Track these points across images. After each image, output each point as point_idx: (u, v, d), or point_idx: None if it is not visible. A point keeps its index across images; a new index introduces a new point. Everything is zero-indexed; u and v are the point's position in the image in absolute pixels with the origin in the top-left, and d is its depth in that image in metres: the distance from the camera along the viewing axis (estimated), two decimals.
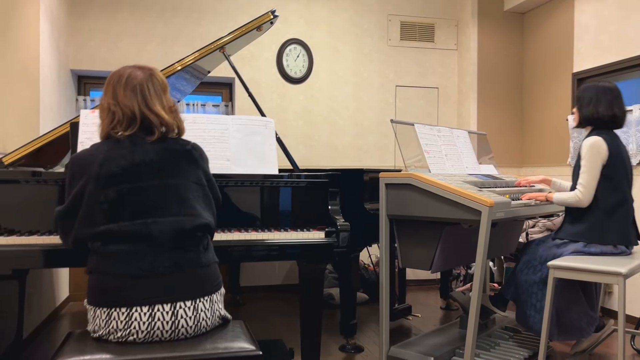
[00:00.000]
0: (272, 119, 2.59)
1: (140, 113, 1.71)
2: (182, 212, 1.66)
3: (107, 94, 1.75)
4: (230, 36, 2.89)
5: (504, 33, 5.13)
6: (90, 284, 1.61)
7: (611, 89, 2.70)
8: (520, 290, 2.80)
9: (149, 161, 1.67)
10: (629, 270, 2.29)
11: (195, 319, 1.61)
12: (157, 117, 1.72)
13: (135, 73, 1.75)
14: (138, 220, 1.60)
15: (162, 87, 1.79)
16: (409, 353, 2.71)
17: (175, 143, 1.76)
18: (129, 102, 1.71)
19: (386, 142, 5.06)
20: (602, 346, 3.24)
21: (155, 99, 1.75)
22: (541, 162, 4.85)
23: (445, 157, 3.04)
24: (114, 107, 1.71)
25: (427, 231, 2.68)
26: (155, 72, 1.80)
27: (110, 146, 1.68)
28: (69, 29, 4.30)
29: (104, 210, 1.60)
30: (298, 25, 4.83)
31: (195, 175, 1.76)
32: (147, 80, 1.75)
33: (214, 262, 1.74)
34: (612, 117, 2.67)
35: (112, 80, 1.76)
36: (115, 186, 1.61)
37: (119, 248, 1.58)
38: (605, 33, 4.06)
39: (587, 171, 2.61)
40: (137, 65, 1.80)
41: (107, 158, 1.64)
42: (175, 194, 1.67)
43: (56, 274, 3.84)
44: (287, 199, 2.44)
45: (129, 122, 1.71)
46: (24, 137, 3.05)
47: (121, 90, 1.72)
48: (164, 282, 1.57)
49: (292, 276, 4.80)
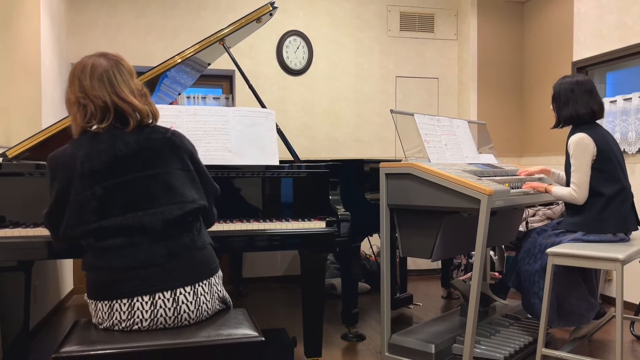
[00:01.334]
0: (272, 111, 2.61)
1: (112, 102, 1.66)
2: (172, 201, 1.64)
3: (72, 87, 1.69)
4: (230, 28, 2.90)
5: (503, 22, 5.12)
6: (88, 280, 1.62)
7: (585, 82, 2.71)
8: (522, 279, 2.83)
9: (131, 153, 1.64)
10: (626, 256, 2.32)
11: (196, 303, 1.63)
12: (128, 105, 1.67)
13: (98, 61, 1.69)
14: (129, 214, 1.59)
15: (128, 72, 1.73)
16: (410, 340, 2.74)
17: (154, 132, 1.71)
18: (98, 92, 1.65)
19: (386, 134, 5.07)
20: (600, 332, 3.27)
21: (124, 86, 1.69)
22: (541, 152, 4.87)
23: (445, 146, 3.06)
24: (83, 100, 1.66)
25: (427, 220, 2.71)
26: (120, 58, 1.74)
27: (88, 142, 1.63)
28: (69, 22, 4.31)
29: (93, 207, 1.58)
30: (297, 16, 4.83)
31: (179, 161, 1.72)
32: (112, 68, 1.69)
33: (209, 243, 1.74)
34: (591, 114, 2.70)
35: (76, 71, 1.69)
36: (101, 183, 1.59)
37: (113, 242, 1.57)
38: (605, 21, 4.06)
39: (577, 169, 2.63)
40: (99, 53, 1.74)
41: (87, 155, 1.60)
42: (162, 183, 1.65)
43: (60, 267, 3.88)
44: (288, 190, 2.46)
45: (103, 113, 1.66)
46: (27, 131, 3.07)
47: (87, 80, 1.66)
48: (162, 271, 1.58)
49: (294, 267, 4.83)
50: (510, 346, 2.76)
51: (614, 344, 3.10)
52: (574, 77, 2.77)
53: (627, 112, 3.77)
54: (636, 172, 3.71)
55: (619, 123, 3.82)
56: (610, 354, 2.92)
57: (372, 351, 2.99)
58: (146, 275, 1.57)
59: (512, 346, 2.77)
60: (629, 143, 3.73)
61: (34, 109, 3.30)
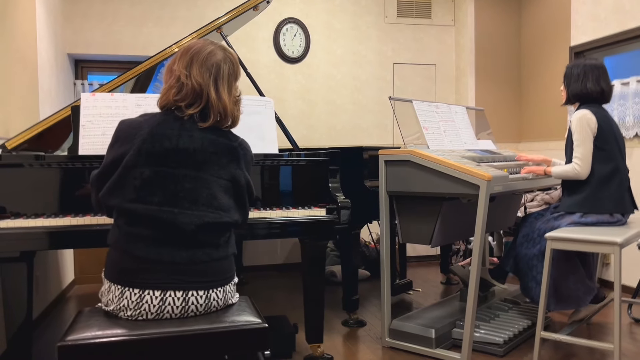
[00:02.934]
0: (271, 99, 2.60)
1: (207, 94, 1.67)
2: (210, 209, 1.64)
3: (182, 61, 1.69)
4: (227, 16, 2.89)
5: (500, 8, 5.10)
6: (108, 259, 1.63)
7: (597, 65, 2.76)
8: (521, 263, 2.86)
9: (192, 150, 1.63)
10: (624, 239, 2.34)
11: (207, 305, 1.64)
12: (220, 103, 1.68)
13: (216, 51, 1.72)
14: (166, 208, 1.59)
15: (235, 74, 1.76)
16: (411, 326, 2.77)
17: (224, 136, 1.71)
18: (202, 79, 1.67)
19: (385, 121, 5.07)
20: (599, 315, 3.31)
21: (226, 85, 1.71)
22: (539, 137, 4.87)
23: (443, 133, 3.07)
24: (185, 79, 1.66)
25: (426, 206, 2.72)
26: (232, 57, 1.76)
27: (159, 122, 1.64)
28: (65, 13, 4.28)
29: (135, 186, 1.59)
30: (294, 3, 4.80)
31: (232, 173, 1.70)
32: (224, 63, 1.72)
33: (232, 254, 1.73)
34: (600, 93, 2.74)
35: (192, 50, 1.70)
36: (153, 166, 1.59)
37: (142, 231, 1.58)
38: (602, 5, 4.04)
39: (580, 144, 2.65)
40: (221, 45, 1.77)
41: (152, 134, 1.61)
42: (207, 188, 1.64)
43: (62, 258, 3.89)
44: (287, 178, 2.47)
45: (195, 99, 1.67)
46: (24, 123, 3.06)
47: (198, 64, 1.68)
48: (180, 271, 1.58)
49: (294, 255, 4.86)
50: (510, 330, 2.79)
51: (612, 326, 3.14)
52: (587, 59, 2.82)
53: (624, 96, 3.77)
54: (633, 157, 3.72)
55: (617, 107, 3.82)
56: (608, 337, 2.95)
57: (373, 337, 3.02)
58: (163, 272, 1.57)
59: (512, 330, 2.80)
60: (627, 127, 3.74)
61: (31, 99, 3.29)
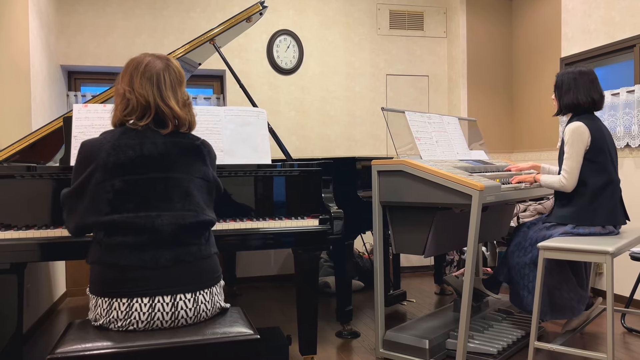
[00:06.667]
0: (264, 110, 2.61)
1: (154, 104, 1.71)
2: (186, 207, 1.67)
3: (124, 79, 1.74)
4: (220, 28, 2.90)
5: (492, 19, 5.16)
6: (92, 274, 1.63)
7: (588, 72, 2.77)
8: (512, 272, 2.86)
9: (157, 155, 1.67)
10: (616, 249, 2.35)
11: (196, 310, 1.64)
12: (170, 111, 1.72)
13: (154, 62, 1.75)
14: (142, 213, 1.61)
15: (178, 80, 1.79)
16: (404, 336, 2.76)
17: (185, 138, 1.75)
18: (145, 91, 1.70)
19: (378, 132, 5.09)
20: (592, 325, 3.31)
21: (170, 92, 1.74)
22: (532, 147, 4.91)
23: (436, 143, 3.08)
24: (129, 95, 1.71)
25: (419, 217, 2.73)
26: (172, 64, 1.79)
27: (119, 135, 1.67)
28: (58, 24, 4.28)
29: (109, 199, 1.61)
30: (287, 15, 4.83)
31: (201, 171, 1.76)
32: (164, 71, 1.74)
33: (214, 253, 1.75)
34: (592, 103, 2.75)
35: (131, 66, 1.75)
36: (122, 176, 1.62)
37: (122, 240, 1.59)
38: (592, 17, 4.10)
39: (570, 157, 2.66)
40: (157, 55, 1.79)
41: (115, 147, 1.64)
42: (180, 188, 1.68)
43: (53, 270, 3.86)
44: (280, 188, 2.47)
45: (143, 111, 1.71)
46: (16, 134, 3.05)
47: (138, 78, 1.71)
48: (165, 275, 1.59)
49: (287, 266, 4.84)
50: (504, 340, 2.79)
51: (605, 336, 3.14)
52: (577, 67, 2.82)
53: (615, 107, 3.81)
54: (624, 167, 3.75)
55: (607, 118, 3.86)
56: (602, 346, 2.95)
57: (367, 348, 3.00)
58: (148, 277, 1.57)
59: (505, 340, 2.79)
60: (617, 138, 3.77)
61: (24, 110, 3.28)
